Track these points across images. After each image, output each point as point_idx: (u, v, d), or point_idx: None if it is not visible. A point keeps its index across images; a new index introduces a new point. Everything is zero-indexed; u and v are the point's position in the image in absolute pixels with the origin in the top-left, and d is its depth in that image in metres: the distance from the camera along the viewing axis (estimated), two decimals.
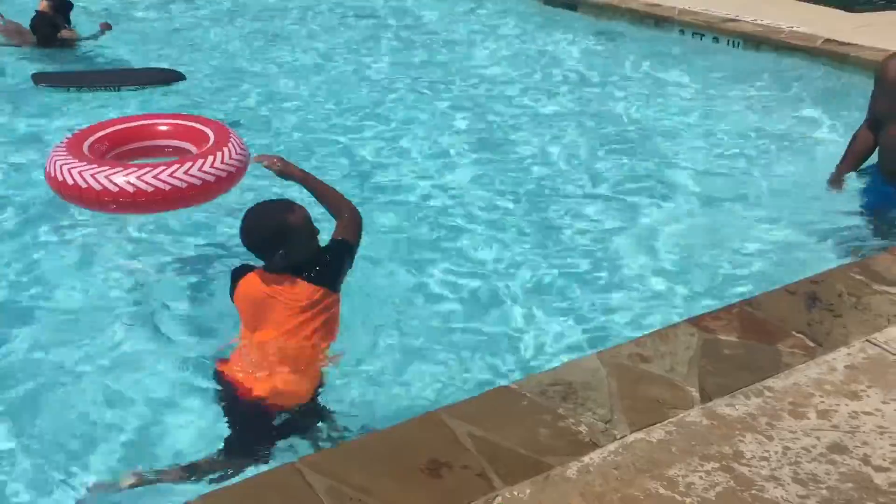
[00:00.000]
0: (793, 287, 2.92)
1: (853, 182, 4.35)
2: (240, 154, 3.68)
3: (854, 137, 4.28)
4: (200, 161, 3.52)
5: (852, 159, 4.23)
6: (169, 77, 6.84)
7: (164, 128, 3.96)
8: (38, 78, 6.70)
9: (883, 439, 2.14)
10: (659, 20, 7.89)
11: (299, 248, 2.75)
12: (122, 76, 6.90)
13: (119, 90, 6.62)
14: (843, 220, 4.29)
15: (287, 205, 2.81)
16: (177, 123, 3.98)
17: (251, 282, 2.80)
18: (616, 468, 2.07)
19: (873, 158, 4.30)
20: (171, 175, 3.42)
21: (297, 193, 3.48)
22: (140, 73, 7.00)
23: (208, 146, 3.65)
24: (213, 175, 3.50)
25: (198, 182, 3.48)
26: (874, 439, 2.14)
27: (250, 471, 2.52)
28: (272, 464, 2.51)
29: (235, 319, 2.94)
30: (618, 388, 2.38)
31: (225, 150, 3.61)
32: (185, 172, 3.44)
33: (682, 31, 7.57)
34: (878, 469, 2.05)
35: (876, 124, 4.14)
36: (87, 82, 6.70)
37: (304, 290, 2.74)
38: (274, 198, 3.02)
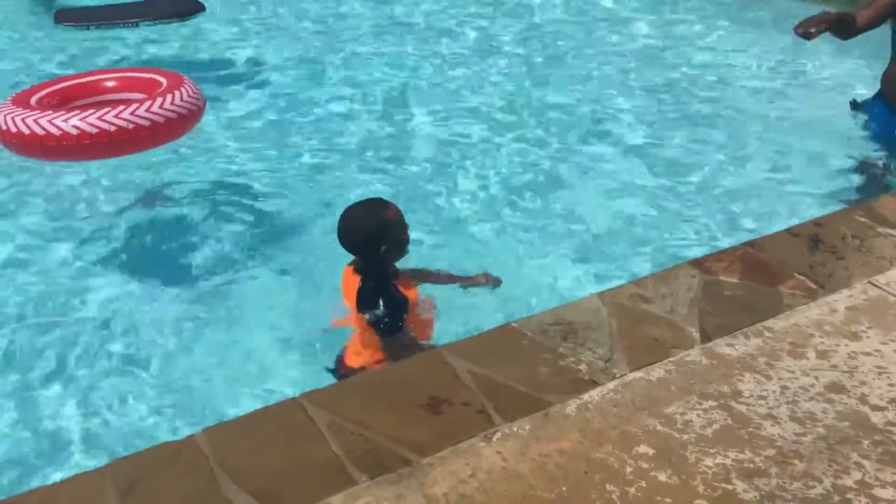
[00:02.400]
0: (796, 229, 2.91)
1: (858, 117, 4.31)
2: (191, 97, 3.57)
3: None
4: (148, 103, 3.41)
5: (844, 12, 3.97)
6: (188, 9, 6.75)
7: (112, 83, 3.83)
8: (60, 17, 6.67)
9: (881, 379, 2.15)
10: None
11: (399, 244, 2.81)
12: (139, 10, 6.80)
13: (137, 26, 6.55)
14: (853, 155, 4.26)
15: (381, 202, 2.87)
16: (128, 76, 3.87)
17: (344, 274, 2.90)
18: (615, 406, 2.09)
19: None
20: (116, 116, 3.32)
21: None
22: (158, 5, 6.90)
23: (159, 91, 3.56)
24: (162, 116, 3.42)
25: (146, 123, 3.37)
26: (872, 379, 2.15)
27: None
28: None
29: None
30: (618, 328, 2.39)
31: (175, 92, 3.52)
32: (132, 113, 3.35)
33: None
34: (875, 408, 2.06)
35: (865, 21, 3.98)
36: (106, 19, 6.64)
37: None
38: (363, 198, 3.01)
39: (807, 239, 2.81)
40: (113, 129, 3.31)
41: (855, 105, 4.35)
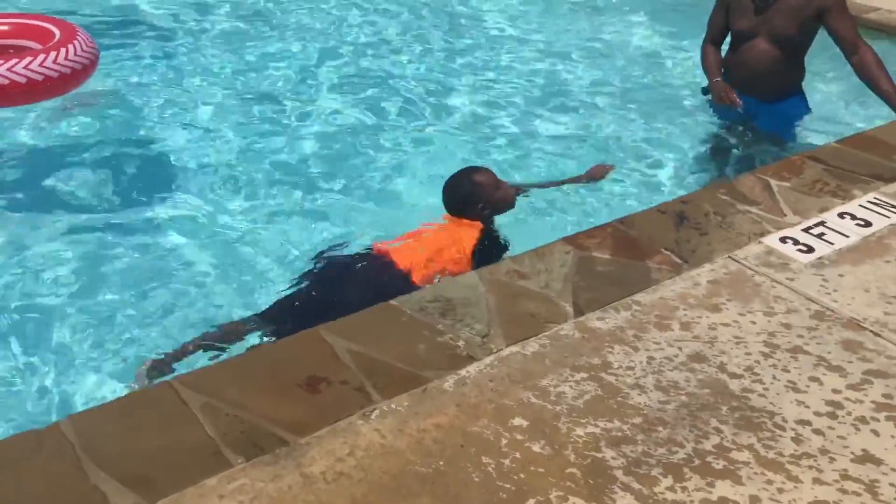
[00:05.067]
0: (664, 207, 3.03)
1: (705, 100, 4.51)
2: (85, 50, 3.64)
3: (705, 53, 4.45)
4: (40, 57, 3.49)
5: (715, 71, 4.38)
6: None
7: (4, 27, 3.86)
8: None
9: (738, 349, 2.28)
10: None
11: (494, 203, 3.31)
12: None
13: None
14: (705, 136, 4.49)
15: (473, 168, 3.43)
16: (20, 23, 3.89)
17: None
18: (491, 380, 2.14)
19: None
20: (9, 70, 3.42)
21: None
22: None
23: (51, 44, 3.61)
24: (41, 73, 3.48)
25: (22, 80, 3.45)
26: (730, 349, 2.28)
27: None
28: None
29: None
30: (496, 304, 2.43)
31: (69, 46, 3.59)
32: (8, 69, 3.43)
33: None
34: (733, 376, 2.18)
35: (718, 41, 4.42)
36: None
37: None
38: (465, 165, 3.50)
39: (673, 216, 2.94)
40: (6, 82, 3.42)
41: (705, 90, 4.55)
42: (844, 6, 4.02)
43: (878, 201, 3.06)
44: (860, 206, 3.03)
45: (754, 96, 4.25)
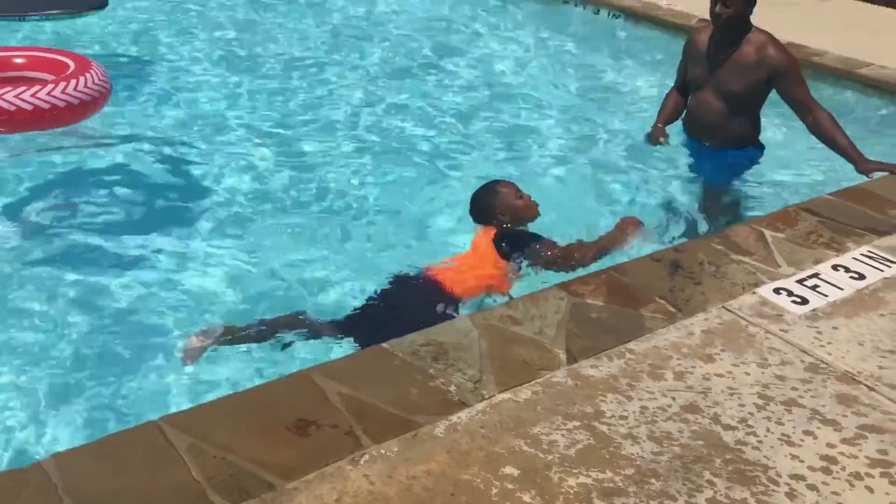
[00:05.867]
0: (658, 255, 3.04)
1: (667, 147, 4.50)
2: (98, 82, 3.80)
3: (665, 96, 4.61)
4: (51, 86, 3.62)
5: (663, 115, 4.51)
6: (84, 4, 6.37)
7: (20, 60, 4.05)
8: None
9: (732, 400, 2.27)
10: None
11: (514, 210, 3.50)
12: (27, 3, 6.39)
13: (24, 20, 6.18)
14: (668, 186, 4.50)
15: (495, 181, 3.66)
16: (36, 56, 4.11)
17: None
18: (483, 427, 2.11)
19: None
20: (17, 97, 3.55)
21: None
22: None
23: (62, 75, 3.76)
24: (48, 102, 3.61)
25: (29, 107, 3.57)
26: (724, 399, 2.26)
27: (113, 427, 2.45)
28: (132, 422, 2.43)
29: None
30: (488, 349, 2.42)
31: (81, 77, 3.72)
32: (15, 97, 3.56)
33: (565, 1, 7.71)
34: (727, 427, 2.16)
35: (685, 88, 4.47)
36: None
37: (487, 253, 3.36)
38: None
39: (667, 264, 2.94)
40: (13, 108, 3.55)
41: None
42: (798, 73, 4.02)
43: (871, 254, 3.07)
44: (854, 258, 3.04)
45: (705, 144, 4.31)
